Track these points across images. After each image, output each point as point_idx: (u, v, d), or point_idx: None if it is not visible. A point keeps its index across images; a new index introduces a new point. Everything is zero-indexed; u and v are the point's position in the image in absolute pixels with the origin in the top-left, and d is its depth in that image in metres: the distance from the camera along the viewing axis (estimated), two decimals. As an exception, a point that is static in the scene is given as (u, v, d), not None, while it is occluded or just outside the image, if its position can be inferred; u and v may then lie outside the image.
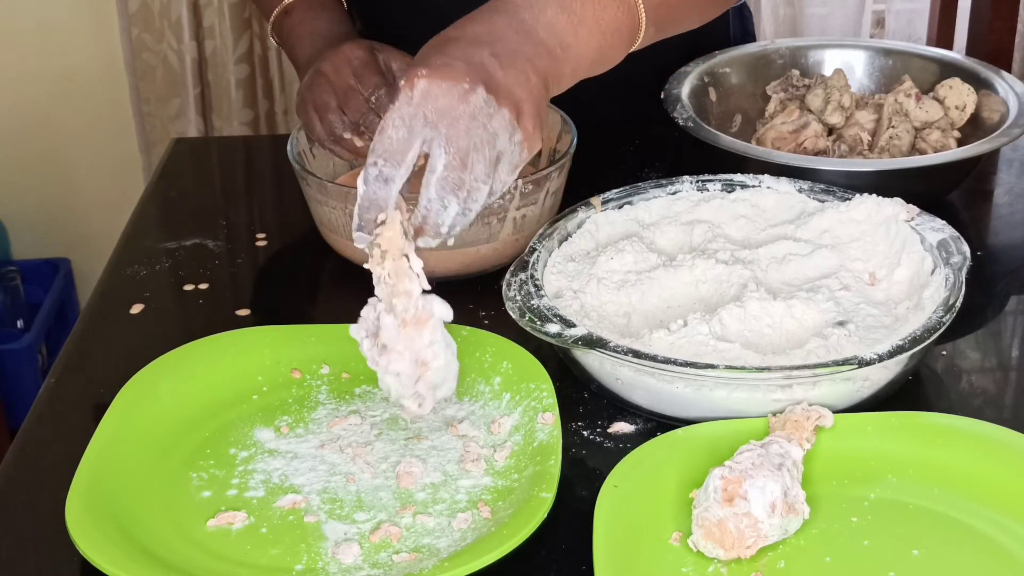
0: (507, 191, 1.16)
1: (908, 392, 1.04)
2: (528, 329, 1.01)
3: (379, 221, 0.89)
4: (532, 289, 1.05)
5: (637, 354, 0.97)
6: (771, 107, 1.45)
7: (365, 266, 0.91)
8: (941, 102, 1.37)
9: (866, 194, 1.16)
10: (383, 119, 0.88)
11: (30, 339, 2.47)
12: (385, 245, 0.90)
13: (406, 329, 0.90)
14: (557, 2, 0.95)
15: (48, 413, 1.07)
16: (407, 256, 0.90)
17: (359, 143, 1.22)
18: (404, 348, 0.90)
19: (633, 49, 1.03)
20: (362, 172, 0.88)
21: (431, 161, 0.88)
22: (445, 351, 0.91)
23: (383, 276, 0.90)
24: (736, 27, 1.59)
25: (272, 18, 1.33)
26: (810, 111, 1.40)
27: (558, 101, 1.33)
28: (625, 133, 1.48)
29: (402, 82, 0.89)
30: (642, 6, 1.00)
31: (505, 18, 0.94)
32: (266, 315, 1.19)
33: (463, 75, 0.88)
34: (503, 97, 0.89)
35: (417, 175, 0.91)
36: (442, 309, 0.91)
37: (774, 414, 0.97)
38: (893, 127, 1.35)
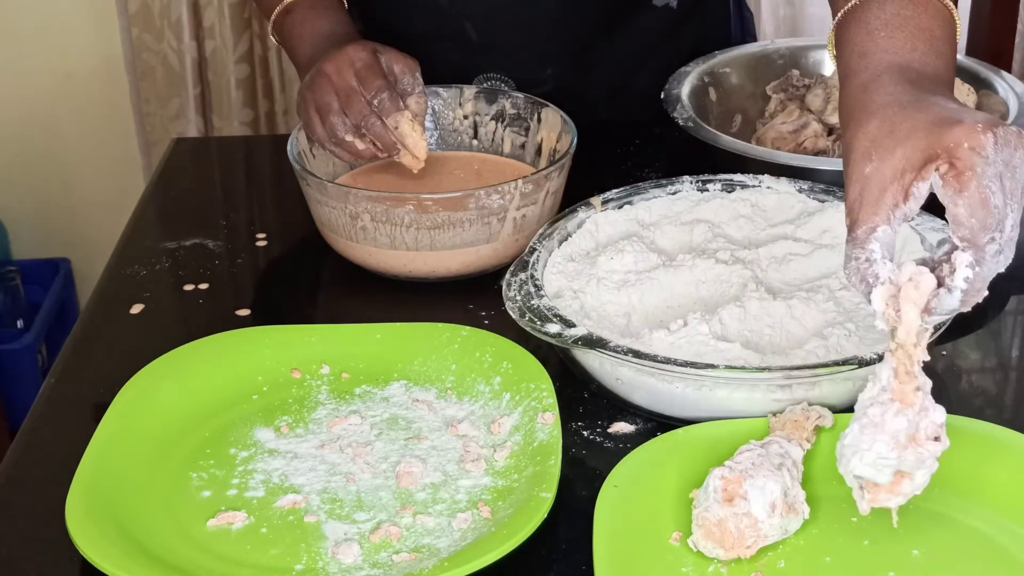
0: (507, 191, 1.17)
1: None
2: (528, 329, 1.01)
3: (976, 301, 0.81)
4: (532, 289, 1.05)
5: (637, 354, 0.97)
6: (771, 107, 1.45)
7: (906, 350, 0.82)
8: (941, 102, 1.37)
9: (866, 194, 1.15)
10: (973, 187, 0.79)
11: (30, 339, 2.47)
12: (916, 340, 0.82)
13: (915, 402, 0.82)
14: (944, 64, 0.92)
15: (48, 413, 1.07)
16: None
17: (360, 145, 1.22)
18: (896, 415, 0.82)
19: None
20: (963, 253, 0.79)
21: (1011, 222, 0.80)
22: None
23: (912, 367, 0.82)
24: (736, 28, 1.59)
25: (273, 17, 1.33)
26: (810, 111, 1.40)
27: (558, 101, 1.33)
28: (625, 133, 1.48)
29: (966, 144, 0.80)
30: (954, 9, 0.96)
31: (920, 76, 0.89)
32: (266, 315, 1.19)
33: (1001, 121, 0.82)
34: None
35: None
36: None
37: (774, 414, 0.97)
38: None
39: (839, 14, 0.96)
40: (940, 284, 0.81)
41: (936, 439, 0.81)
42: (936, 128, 0.82)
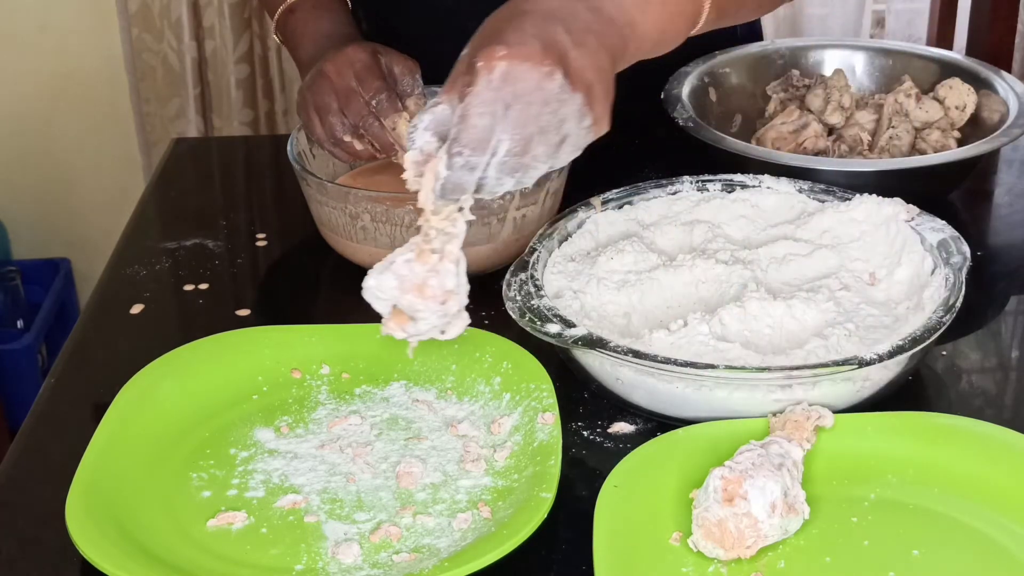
0: (507, 191, 1.17)
1: (908, 392, 1.04)
2: (528, 329, 1.01)
3: (460, 206, 0.90)
4: (532, 289, 1.05)
5: (637, 354, 0.97)
6: (771, 107, 1.45)
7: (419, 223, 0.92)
8: (941, 102, 1.37)
9: (866, 194, 1.16)
10: (463, 105, 0.87)
11: (30, 339, 2.47)
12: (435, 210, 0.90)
13: (428, 261, 0.91)
14: None
15: (48, 413, 1.07)
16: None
17: (359, 146, 1.22)
18: (432, 278, 0.90)
19: (693, 33, 1.02)
20: (443, 156, 0.88)
21: (494, 143, 0.87)
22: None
23: (429, 231, 0.91)
24: (743, 26, 1.58)
25: (276, 17, 1.33)
26: (810, 111, 1.40)
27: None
28: (625, 133, 1.48)
29: (480, 62, 0.87)
30: None
31: None
32: (266, 315, 1.19)
33: (542, 56, 0.87)
34: (577, 81, 0.88)
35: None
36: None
37: (774, 414, 0.97)
38: (893, 127, 1.35)
39: None
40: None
41: (443, 303, 0.90)
42: (488, 36, 0.89)
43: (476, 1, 1.41)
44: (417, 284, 0.90)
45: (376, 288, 0.91)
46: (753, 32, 1.61)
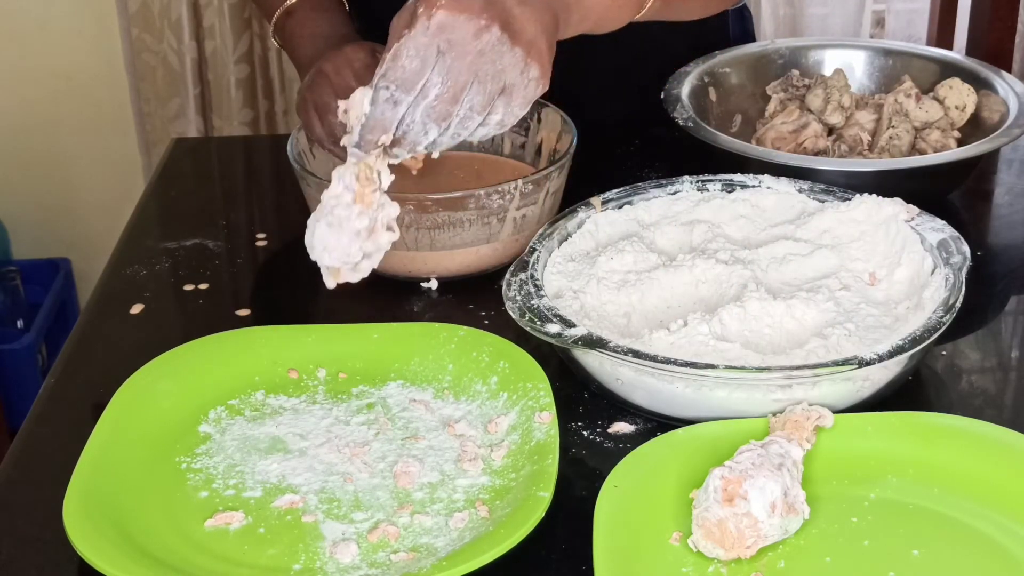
0: (507, 191, 1.17)
1: (908, 392, 1.04)
2: (528, 329, 1.01)
3: (380, 143, 0.92)
4: (532, 289, 1.05)
5: (637, 354, 0.97)
6: (771, 107, 1.45)
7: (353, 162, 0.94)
8: (941, 102, 1.37)
9: (866, 194, 1.15)
10: (397, 44, 0.90)
11: (30, 339, 2.47)
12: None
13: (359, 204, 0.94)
14: None
15: (48, 413, 1.06)
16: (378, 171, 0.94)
17: (358, 146, 1.22)
18: (358, 216, 0.94)
19: (637, 18, 1.06)
20: (368, 92, 0.91)
21: (425, 87, 0.90)
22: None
23: (371, 174, 0.94)
24: (736, 27, 1.59)
25: (274, 20, 1.33)
26: (810, 111, 1.40)
27: (558, 101, 1.33)
28: (625, 133, 1.48)
29: (420, 9, 0.90)
30: None
31: None
32: (266, 315, 1.19)
33: (481, 11, 0.90)
34: (517, 35, 0.92)
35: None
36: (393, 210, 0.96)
37: (774, 414, 0.97)
38: (893, 127, 1.35)
39: None
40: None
41: (389, 229, 0.95)
42: None
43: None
44: (370, 229, 0.94)
45: (343, 254, 0.95)
46: (746, 34, 1.61)
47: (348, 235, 0.95)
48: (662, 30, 1.48)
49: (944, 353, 1.10)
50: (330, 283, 0.98)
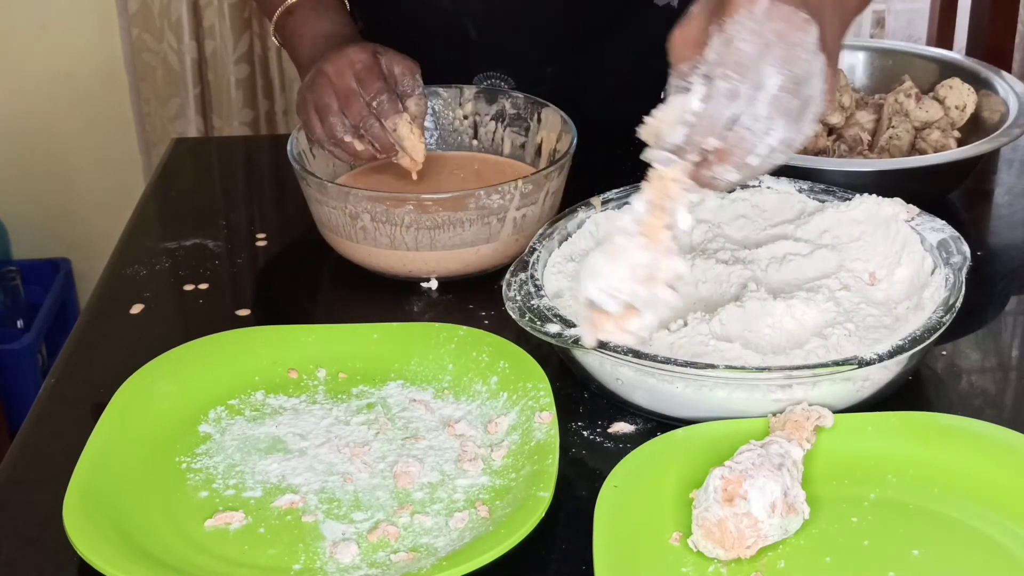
0: (507, 191, 1.17)
1: (908, 392, 1.04)
2: (528, 329, 1.01)
3: (711, 148, 0.79)
4: (532, 289, 1.05)
5: (637, 354, 0.97)
6: (771, 107, 1.45)
7: (648, 182, 0.80)
8: (941, 102, 1.37)
9: (866, 194, 1.15)
10: (723, 29, 0.79)
11: (30, 339, 2.47)
12: (654, 183, 0.80)
13: (662, 240, 0.81)
14: None
15: (48, 413, 1.06)
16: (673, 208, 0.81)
17: (359, 146, 1.22)
18: (640, 249, 0.81)
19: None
20: (697, 87, 0.79)
21: (760, 79, 0.78)
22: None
23: (663, 201, 0.81)
24: None
25: (275, 18, 1.33)
26: (810, 111, 1.40)
27: (559, 101, 1.33)
28: (625, 133, 1.48)
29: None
30: None
31: None
32: (266, 315, 1.19)
33: (801, 5, 0.81)
34: (824, 42, 0.82)
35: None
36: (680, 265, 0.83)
37: (774, 414, 0.97)
38: (893, 127, 1.35)
39: None
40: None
41: (670, 287, 0.81)
42: None
43: (472, 1, 1.42)
44: (652, 272, 0.80)
45: (610, 286, 0.80)
46: None
47: (622, 266, 0.81)
48: (665, 31, 1.48)
49: (944, 353, 1.10)
50: (589, 340, 0.85)
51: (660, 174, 0.81)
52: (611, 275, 0.80)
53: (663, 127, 0.80)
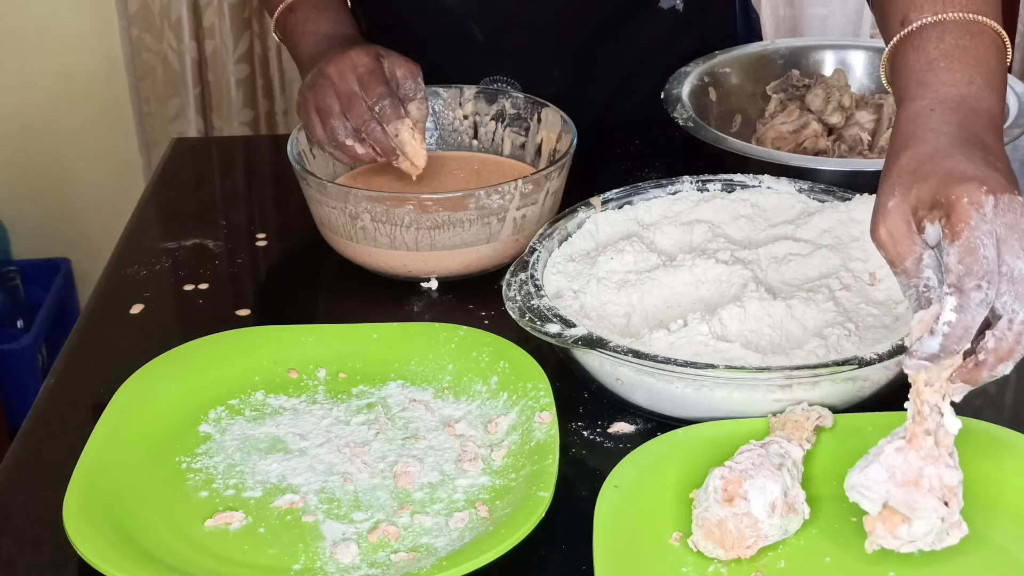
0: (507, 191, 1.17)
1: (908, 392, 1.04)
2: (528, 329, 1.01)
3: (959, 350, 0.82)
4: (532, 289, 1.05)
5: (637, 354, 0.97)
6: (771, 107, 1.45)
7: (915, 394, 0.84)
8: (941, 102, 1.36)
9: (866, 194, 1.15)
10: (965, 236, 0.82)
11: (30, 339, 2.47)
12: (935, 373, 0.84)
13: (922, 446, 0.83)
14: (998, 98, 0.94)
15: (48, 413, 1.06)
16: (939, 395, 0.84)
17: (360, 150, 1.22)
18: (933, 474, 0.83)
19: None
20: (947, 298, 0.82)
21: (1012, 271, 0.81)
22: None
23: (935, 406, 0.84)
24: (742, 29, 1.59)
25: (276, 15, 1.33)
26: (810, 111, 1.40)
27: (564, 103, 1.33)
28: (625, 133, 1.48)
29: (965, 199, 0.82)
30: (1007, 37, 0.97)
31: (975, 118, 0.91)
32: (266, 315, 1.19)
33: (1009, 185, 0.84)
34: None
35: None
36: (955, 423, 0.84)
37: (774, 414, 0.97)
38: (893, 127, 1.34)
39: (895, 38, 0.97)
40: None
41: (945, 503, 0.82)
42: (948, 178, 0.85)
43: (474, 3, 1.42)
44: (912, 476, 0.82)
45: (863, 483, 0.83)
46: (751, 31, 1.61)
47: (876, 467, 0.83)
48: (669, 33, 1.48)
49: (944, 353, 1.10)
50: (867, 546, 0.84)
51: (913, 380, 0.84)
52: (867, 472, 0.84)
53: (914, 334, 0.84)
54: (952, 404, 0.84)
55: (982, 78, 0.93)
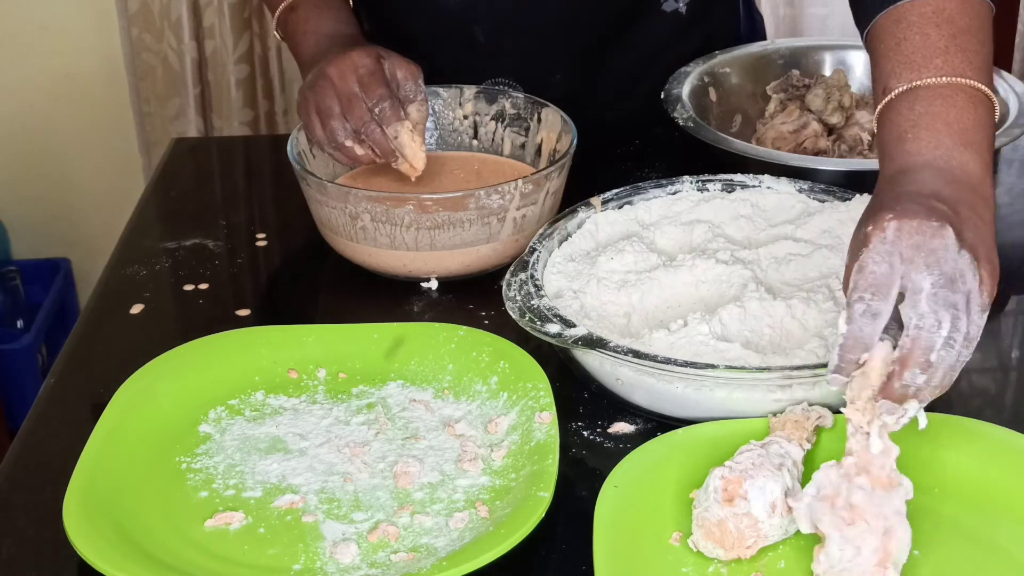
0: (507, 191, 1.17)
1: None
2: (528, 329, 1.01)
3: (860, 362, 0.87)
4: (532, 289, 1.05)
5: (637, 354, 0.97)
6: (771, 107, 1.45)
7: (843, 411, 0.87)
8: (941, 102, 1.36)
9: (866, 194, 1.15)
10: (861, 257, 0.88)
11: (30, 339, 2.46)
12: (855, 391, 0.87)
13: (876, 492, 0.85)
14: (973, 154, 0.97)
15: (48, 413, 1.06)
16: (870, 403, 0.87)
17: (359, 151, 1.22)
18: (873, 516, 0.84)
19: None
20: (843, 313, 0.87)
21: (913, 284, 0.87)
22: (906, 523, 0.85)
23: (859, 427, 0.86)
24: (745, 30, 1.58)
25: (277, 14, 1.33)
26: (810, 111, 1.40)
27: (566, 105, 1.33)
28: (625, 133, 1.48)
29: (869, 228, 0.89)
30: (988, 90, 1.01)
31: (934, 173, 0.95)
32: (266, 315, 1.19)
33: (930, 215, 0.89)
34: (963, 239, 0.89)
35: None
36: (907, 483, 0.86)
37: (774, 414, 0.97)
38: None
39: (879, 106, 1.02)
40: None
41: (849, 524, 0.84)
42: (869, 220, 0.91)
43: (476, 5, 1.42)
44: (830, 494, 0.85)
45: (798, 496, 0.86)
46: (755, 32, 1.61)
47: (818, 496, 0.85)
48: (672, 36, 1.48)
49: (944, 353, 1.10)
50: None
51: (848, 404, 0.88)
52: (806, 489, 0.86)
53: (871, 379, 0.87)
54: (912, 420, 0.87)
55: (951, 139, 0.97)
